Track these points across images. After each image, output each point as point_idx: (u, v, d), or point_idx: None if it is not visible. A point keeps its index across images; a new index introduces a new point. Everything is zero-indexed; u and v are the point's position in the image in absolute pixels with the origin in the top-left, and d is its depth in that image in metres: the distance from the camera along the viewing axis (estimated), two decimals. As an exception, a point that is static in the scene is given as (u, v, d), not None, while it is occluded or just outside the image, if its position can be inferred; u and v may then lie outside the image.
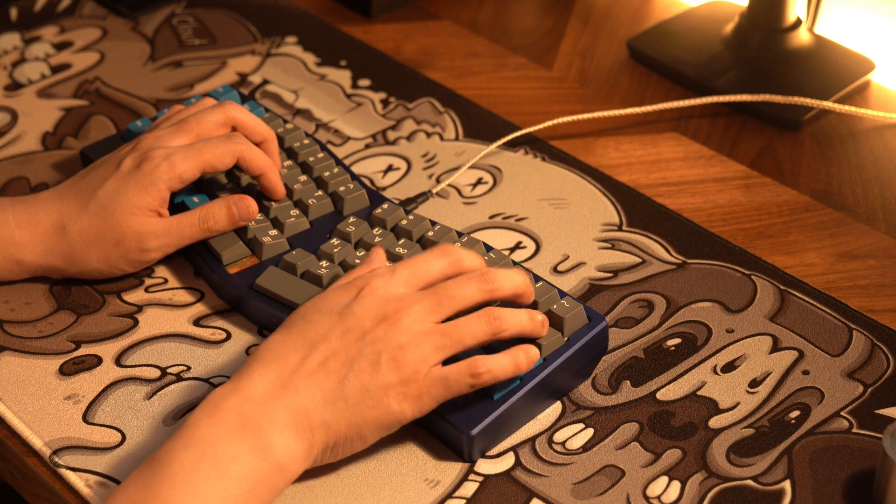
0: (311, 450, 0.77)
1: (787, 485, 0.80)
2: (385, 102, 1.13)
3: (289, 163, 1.00)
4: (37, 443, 0.84)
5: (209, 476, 0.73)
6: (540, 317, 0.81)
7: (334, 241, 0.93)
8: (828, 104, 1.08)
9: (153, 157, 0.92)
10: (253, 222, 0.95)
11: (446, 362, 0.80)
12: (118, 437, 0.84)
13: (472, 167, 1.05)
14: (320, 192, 0.98)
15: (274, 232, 0.95)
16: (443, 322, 0.79)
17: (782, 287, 0.94)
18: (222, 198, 0.94)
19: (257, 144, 0.97)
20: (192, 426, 0.75)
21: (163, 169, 0.91)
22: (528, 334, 0.81)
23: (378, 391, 0.77)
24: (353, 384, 0.77)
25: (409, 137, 1.09)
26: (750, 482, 0.81)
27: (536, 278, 0.88)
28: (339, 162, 1.01)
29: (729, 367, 0.88)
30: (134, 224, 0.91)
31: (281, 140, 1.03)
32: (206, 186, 0.98)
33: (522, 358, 0.80)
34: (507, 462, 0.82)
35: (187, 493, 0.72)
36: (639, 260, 0.97)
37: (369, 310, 0.78)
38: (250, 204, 0.94)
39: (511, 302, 0.82)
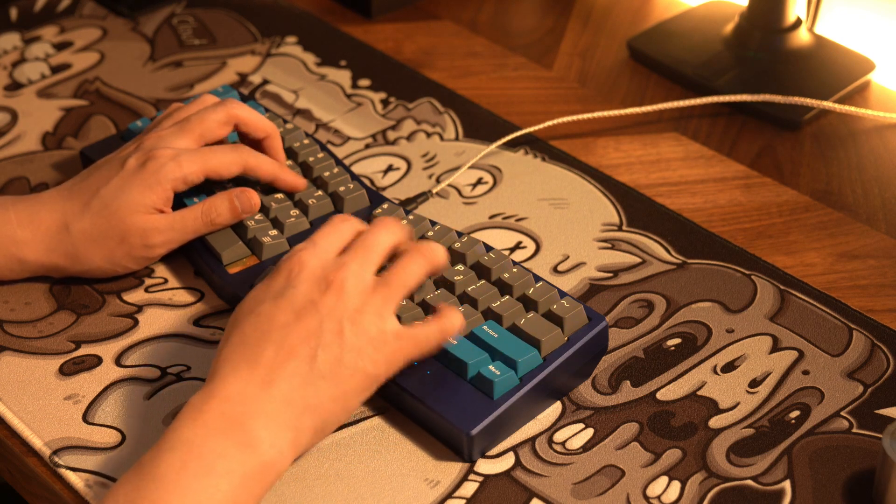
0: (299, 437, 0.77)
1: (787, 485, 0.80)
2: (385, 102, 1.13)
3: (289, 163, 1.00)
4: (37, 443, 0.84)
5: (197, 474, 0.73)
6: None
7: (334, 241, 0.92)
8: (828, 104, 1.08)
9: (159, 157, 0.92)
10: (253, 222, 0.95)
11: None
12: (118, 437, 0.84)
13: (472, 167, 1.05)
14: (320, 192, 0.98)
15: (274, 232, 0.95)
16: (378, 273, 0.81)
17: (782, 287, 0.94)
18: (224, 191, 0.94)
19: (260, 141, 0.97)
20: (176, 429, 0.75)
21: (169, 168, 0.91)
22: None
23: (351, 358, 0.78)
24: (326, 359, 0.77)
25: (409, 137, 1.09)
26: (750, 482, 0.81)
27: (536, 278, 0.88)
28: (339, 162, 1.01)
29: (729, 367, 0.88)
30: (137, 221, 0.91)
31: (281, 140, 1.02)
32: (207, 190, 0.98)
33: (454, 312, 0.82)
34: (507, 462, 0.82)
35: (176, 493, 0.72)
36: (639, 260, 0.96)
37: (310, 283, 0.79)
38: (252, 196, 0.94)
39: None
